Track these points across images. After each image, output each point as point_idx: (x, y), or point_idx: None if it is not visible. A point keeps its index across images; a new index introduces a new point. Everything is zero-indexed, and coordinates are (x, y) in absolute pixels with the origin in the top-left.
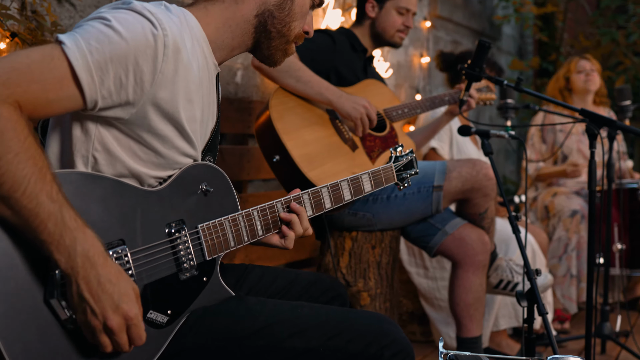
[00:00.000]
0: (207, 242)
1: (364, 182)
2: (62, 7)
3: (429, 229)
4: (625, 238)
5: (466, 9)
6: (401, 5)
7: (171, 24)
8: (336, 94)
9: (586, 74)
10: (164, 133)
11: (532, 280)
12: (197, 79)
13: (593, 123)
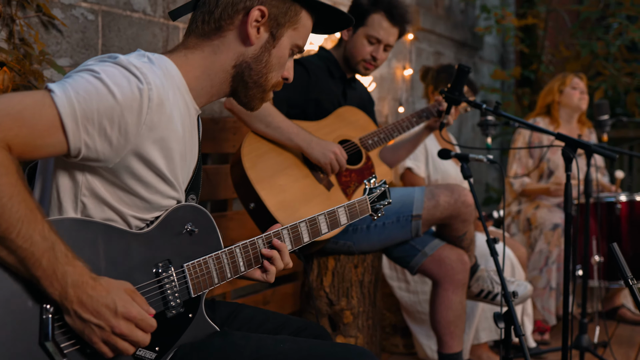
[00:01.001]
0: (192, 280)
1: (340, 215)
2: (50, 34)
3: (410, 249)
4: (604, 251)
5: (448, 20)
6: (371, 34)
7: (155, 78)
8: (306, 140)
9: (581, 91)
10: (146, 179)
11: (510, 303)
12: (179, 127)
13: (569, 147)
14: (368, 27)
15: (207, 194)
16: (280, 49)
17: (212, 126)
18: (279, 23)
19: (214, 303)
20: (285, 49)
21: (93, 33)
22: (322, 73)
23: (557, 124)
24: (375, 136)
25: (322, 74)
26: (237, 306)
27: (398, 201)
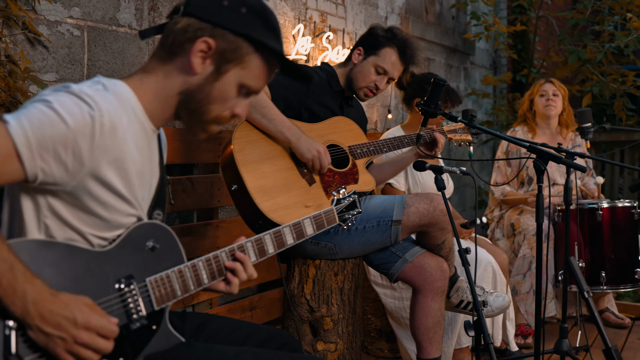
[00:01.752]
0: (155, 294)
1: (306, 226)
2: (35, 50)
3: (390, 256)
4: (586, 256)
5: (439, 27)
6: (380, 65)
7: (107, 104)
8: (296, 135)
9: (547, 98)
10: (104, 200)
11: (479, 312)
12: (133, 148)
13: (540, 159)
14: (379, 58)
15: (194, 203)
16: (223, 83)
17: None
18: (225, 58)
19: (184, 314)
20: (229, 85)
21: (79, 48)
22: (323, 85)
23: (534, 133)
24: (364, 147)
25: (322, 86)
26: (207, 317)
27: (379, 206)
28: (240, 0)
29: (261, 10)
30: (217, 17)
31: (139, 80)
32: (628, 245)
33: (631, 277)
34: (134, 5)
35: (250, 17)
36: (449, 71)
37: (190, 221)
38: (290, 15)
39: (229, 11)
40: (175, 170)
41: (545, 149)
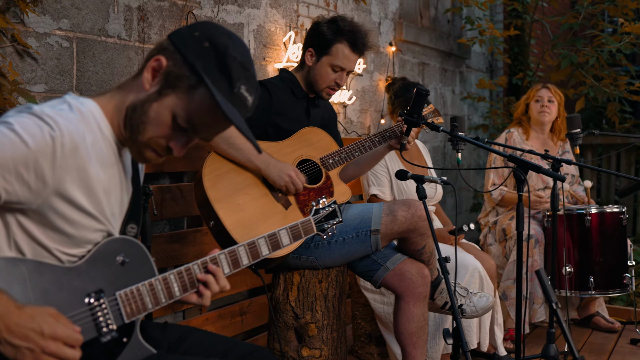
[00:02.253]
0: (124, 307)
1: (282, 237)
2: (24, 62)
3: (372, 264)
4: (575, 261)
5: (434, 31)
6: (336, 64)
7: (68, 124)
8: (264, 162)
9: (542, 104)
10: (70, 217)
11: (457, 320)
12: (99, 166)
13: (520, 169)
14: (332, 57)
15: (183, 211)
16: (160, 106)
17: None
18: (168, 82)
19: (165, 326)
20: (164, 110)
21: (68, 59)
22: (284, 93)
23: (527, 135)
24: (336, 156)
25: (284, 94)
26: (187, 329)
27: (357, 217)
28: (208, 36)
29: (222, 50)
30: (181, 42)
31: (109, 97)
32: (616, 250)
33: (620, 282)
34: (123, 16)
35: (208, 52)
36: (444, 75)
37: (180, 228)
38: (281, 23)
39: (194, 41)
40: (165, 178)
41: (524, 159)
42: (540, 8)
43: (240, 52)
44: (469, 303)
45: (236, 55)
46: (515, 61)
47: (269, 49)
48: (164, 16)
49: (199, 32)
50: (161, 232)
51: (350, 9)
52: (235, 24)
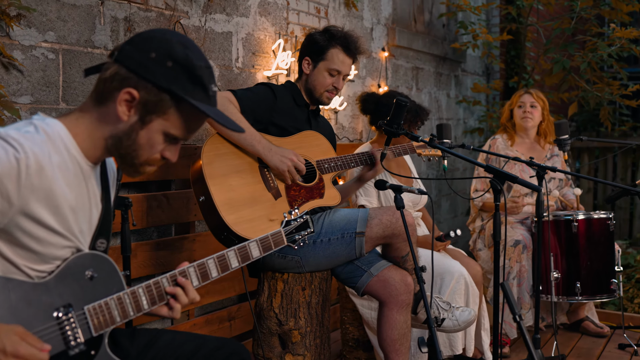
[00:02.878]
0: (92, 321)
1: (252, 249)
2: (10, 74)
3: (356, 270)
4: (562, 267)
5: (428, 35)
6: (332, 67)
7: (33, 146)
8: (266, 148)
9: (524, 110)
10: (37, 235)
11: (432, 329)
12: (64, 185)
13: (496, 179)
14: (328, 62)
15: (171, 218)
16: (148, 132)
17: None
18: (147, 109)
19: (133, 332)
20: (154, 134)
21: (54, 71)
22: (288, 100)
23: (512, 141)
24: (332, 162)
25: (288, 101)
26: (156, 332)
27: (344, 219)
28: (167, 54)
29: (187, 64)
30: (142, 69)
31: (75, 119)
32: (603, 256)
33: (607, 287)
34: (109, 27)
35: (175, 71)
36: (439, 79)
37: (169, 235)
38: (270, 31)
39: (155, 64)
40: (153, 186)
41: (501, 170)
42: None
43: (199, 56)
44: (451, 317)
45: (199, 62)
46: (512, 64)
47: (258, 57)
48: (150, 26)
49: (154, 53)
50: (149, 240)
51: (342, 15)
52: (223, 33)
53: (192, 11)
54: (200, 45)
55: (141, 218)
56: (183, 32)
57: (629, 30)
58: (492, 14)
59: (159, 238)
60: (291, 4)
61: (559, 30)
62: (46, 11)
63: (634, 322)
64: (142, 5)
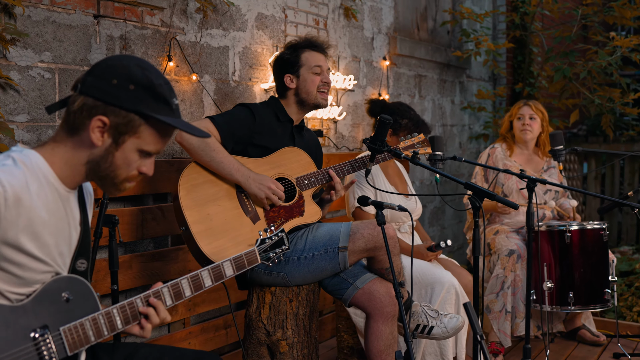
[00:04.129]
0: (68, 341)
1: (225, 269)
2: (7, 94)
3: (342, 283)
4: (555, 277)
5: (432, 43)
6: (313, 66)
7: (11, 179)
8: (244, 176)
9: (523, 122)
10: (18, 261)
11: (409, 344)
12: (43, 212)
13: (475, 196)
14: (306, 65)
15: (166, 230)
16: (123, 152)
17: (168, 167)
18: (119, 131)
19: (113, 346)
20: (129, 153)
21: (50, 90)
22: (269, 117)
23: (511, 151)
24: (312, 177)
25: (269, 118)
26: (135, 346)
27: (326, 234)
28: (127, 78)
29: (148, 85)
30: (108, 96)
31: (51, 149)
32: (597, 266)
33: (600, 297)
34: (105, 45)
35: (138, 92)
36: (443, 86)
37: (165, 246)
38: (268, 44)
39: (118, 89)
40: (149, 199)
41: (479, 187)
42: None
43: (157, 75)
44: (440, 324)
45: (159, 80)
46: (519, 69)
47: (255, 70)
48: (146, 44)
49: (116, 79)
50: (145, 251)
51: (341, 26)
52: (220, 47)
53: (188, 27)
54: (196, 60)
55: (136, 230)
56: (179, 48)
57: (629, 39)
58: (499, 19)
59: (156, 249)
60: (289, 17)
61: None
62: (42, 32)
63: (632, 331)
64: (137, 24)
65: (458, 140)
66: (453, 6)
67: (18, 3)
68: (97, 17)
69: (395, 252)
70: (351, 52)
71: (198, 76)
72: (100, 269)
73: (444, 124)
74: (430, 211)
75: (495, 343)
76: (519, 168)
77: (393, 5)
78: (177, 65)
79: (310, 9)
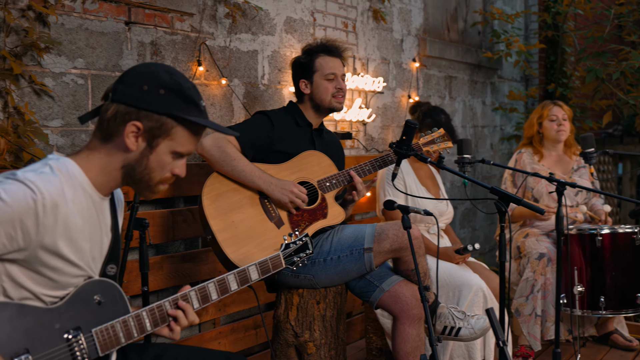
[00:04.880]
0: (99, 342)
1: (251, 273)
2: (42, 100)
3: (369, 285)
4: (586, 281)
5: (462, 44)
6: (326, 73)
7: (49, 186)
8: (266, 182)
9: (558, 123)
10: (54, 265)
11: (434, 347)
12: (79, 219)
13: (501, 200)
14: (320, 71)
15: (195, 232)
16: (158, 155)
17: (199, 170)
18: (153, 135)
19: (143, 347)
20: (163, 155)
21: (83, 95)
22: (288, 123)
23: (540, 155)
24: (333, 179)
25: (288, 124)
26: (164, 347)
27: (351, 236)
28: (157, 84)
29: (177, 88)
30: (140, 102)
31: (85, 157)
32: (629, 270)
33: (632, 301)
34: (136, 51)
35: (168, 96)
36: (474, 87)
37: (195, 248)
38: (297, 47)
39: (149, 95)
40: (179, 202)
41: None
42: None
43: (183, 78)
44: (467, 325)
45: (186, 84)
46: (552, 69)
47: (284, 73)
48: (176, 49)
49: (146, 85)
50: (176, 252)
51: (370, 28)
52: (249, 51)
53: (217, 32)
54: (225, 64)
55: (167, 232)
56: (209, 53)
57: None
58: (531, 19)
59: (187, 250)
60: (317, 20)
61: (592, 38)
62: (75, 40)
63: None
64: (168, 29)
65: (489, 142)
66: (484, 7)
67: (52, 12)
68: (129, 24)
69: (421, 253)
70: (380, 55)
71: (227, 80)
72: (131, 270)
73: (474, 125)
74: (461, 213)
75: (525, 347)
76: (548, 172)
77: (423, 7)
78: (206, 69)
79: (339, 12)
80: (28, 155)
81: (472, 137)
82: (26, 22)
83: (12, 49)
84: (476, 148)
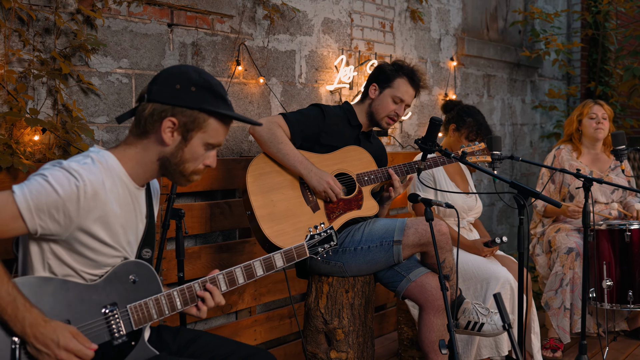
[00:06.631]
0: (133, 317)
1: (276, 260)
2: (89, 98)
3: (396, 275)
4: (615, 275)
5: (502, 42)
6: (397, 95)
7: (90, 175)
8: (307, 169)
9: (597, 121)
10: (92, 246)
11: (452, 332)
12: (115, 206)
13: (520, 194)
14: (394, 89)
15: (232, 224)
16: (191, 147)
17: (236, 165)
18: (188, 129)
19: (178, 330)
20: (196, 147)
21: (127, 93)
22: (340, 120)
23: (579, 152)
24: (372, 174)
25: (339, 121)
26: (198, 334)
27: (383, 228)
28: (188, 82)
29: (206, 85)
30: (174, 99)
31: (123, 150)
32: None
33: None
34: (178, 52)
35: (199, 93)
36: (513, 85)
37: (233, 239)
38: (334, 47)
39: (182, 92)
40: (217, 195)
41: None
42: (614, 15)
43: (210, 77)
44: (490, 322)
45: (214, 81)
46: (594, 67)
47: (321, 72)
48: (216, 49)
49: (179, 84)
50: (213, 243)
51: (407, 28)
52: (286, 51)
53: (256, 33)
54: (264, 63)
55: (205, 223)
56: (247, 53)
57: None
58: (573, 17)
59: (224, 241)
60: (355, 21)
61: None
62: (121, 41)
63: None
64: (208, 31)
65: (529, 139)
66: (524, 6)
67: (99, 15)
68: (171, 26)
69: (447, 249)
70: (417, 54)
71: (265, 79)
72: (171, 258)
73: (513, 123)
74: (499, 209)
75: (554, 339)
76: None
77: (461, 7)
78: (245, 69)
79: (377, 12)
80: (75, 150)
81: (510, 134)
82: (75, 25)
83: (62, 50)
84: (515, 146)
